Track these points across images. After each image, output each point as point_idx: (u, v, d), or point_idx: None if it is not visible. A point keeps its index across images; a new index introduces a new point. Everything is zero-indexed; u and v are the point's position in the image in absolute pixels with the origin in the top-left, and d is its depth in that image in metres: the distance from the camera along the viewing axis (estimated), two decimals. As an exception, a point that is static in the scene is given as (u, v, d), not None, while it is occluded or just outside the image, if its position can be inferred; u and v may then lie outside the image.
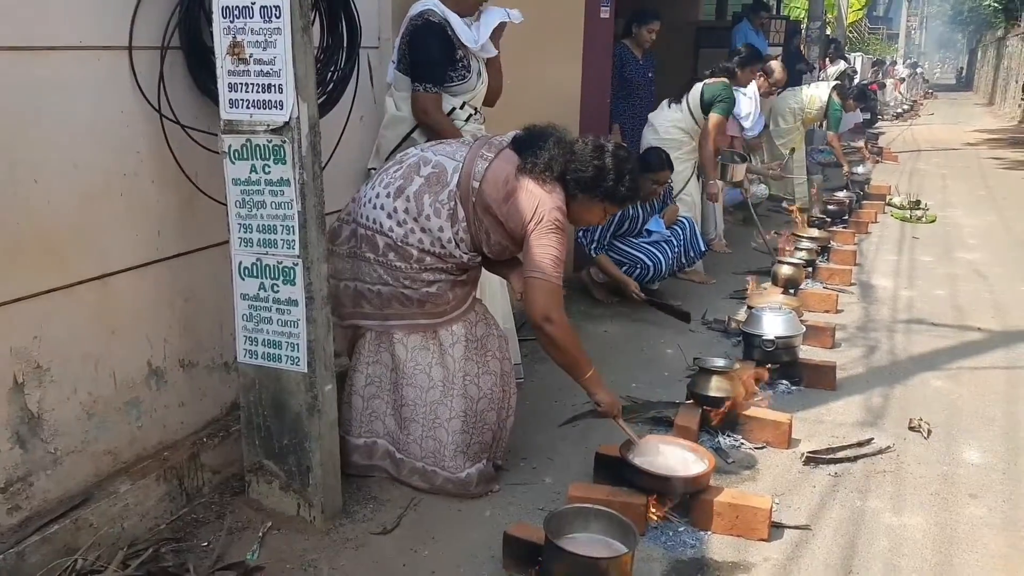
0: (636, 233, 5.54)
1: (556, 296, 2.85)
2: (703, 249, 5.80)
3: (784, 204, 8.92)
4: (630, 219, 5.43)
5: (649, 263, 5.40)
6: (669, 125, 6.35)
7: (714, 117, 6.24)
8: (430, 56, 3.46)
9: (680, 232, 5.66)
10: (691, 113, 6.31)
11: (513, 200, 2.84)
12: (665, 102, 6.48)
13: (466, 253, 2.93)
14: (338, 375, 2.89)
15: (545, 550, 2.48)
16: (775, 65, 7.50)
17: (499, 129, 3.45)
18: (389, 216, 2.92)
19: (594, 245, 5.36)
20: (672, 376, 4.36)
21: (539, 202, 2.83)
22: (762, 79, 7.33)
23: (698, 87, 6.34)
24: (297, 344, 2.68)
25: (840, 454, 3.51)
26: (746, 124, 7.15)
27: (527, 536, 2.59)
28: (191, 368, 2.99)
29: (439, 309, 2.98)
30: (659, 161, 5.42)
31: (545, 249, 2.82)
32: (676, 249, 5.58)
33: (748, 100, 7.13)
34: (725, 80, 6.36)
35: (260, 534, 2.76)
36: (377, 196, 2.97)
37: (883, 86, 22.07)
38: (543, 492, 3.16)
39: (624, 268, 5.44)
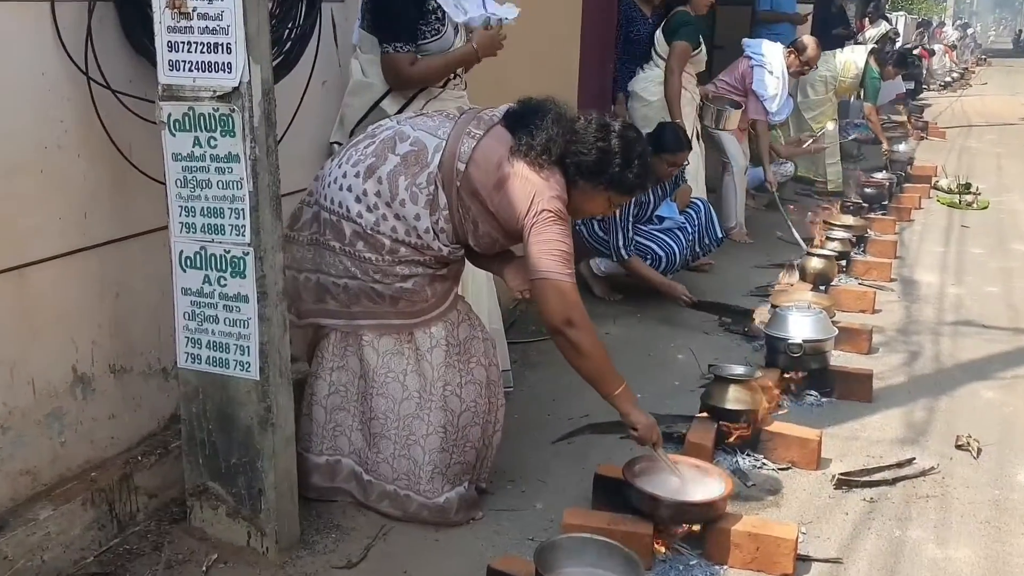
0: (646, 219, 5.54)
1: (572, 296, 2.83)
2: (720, 235, 5.82)
3: (815, 187, 8.96)
4: (640, 205, 5.43)
5: (662, 254, 5.39)
6: (650, 85, 6.41)
7: (676, 46, 6.27)
8: (395, 6, 3.45)
9: (695, 216, 5.67)
10: (666, 62, 6.36)
11: (505, 188, 2.83)
12: (638, 68, 6.56)
13: (446, 245, 2.92)
14: (296, 383, 2.88)
15: (535, 587, 2.49)
16: (808, 40, 7.47)
17: (484, 100, 3.44)
18: (358, 200, 2.90)
19: (621, 243, 5.28)
20: (683, 386, 4.36)
21: (536, 191, 2.82)
22: (792, 56, 7.31)
23: (658, 34, 6.44)
24: (247, 347, 2.66)
25: (876, 476, 3.52)
26: (771, 107, 7.12)
27: (514, 571, 2.59)
28: (123, 375, 2.97)
29: (415, 308, 2.97)
30: (676, 140, 5.41)
31: (550, 245, 2.80)
32: (691, 236, 5.59)
33: (775, 79, 7.08)
34: (682, 8, 6.45)
35: (204, 568, 2.75)
36: (344, 176, 2.95)
37: (933, 53, 22.13)
38: (534, 519, 3.15)
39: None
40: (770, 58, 7.11)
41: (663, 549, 2.92)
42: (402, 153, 2.91)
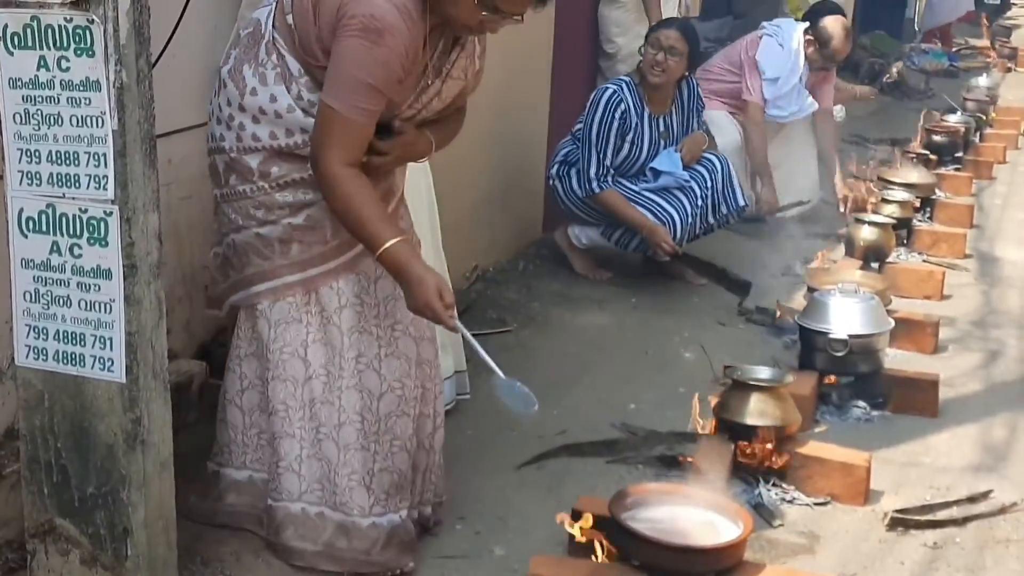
0: (635, 172, 5.54)
1: (337, 135, 2.81)
2: (742, 203, 5.80)
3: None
4: (628, 141, 5.42)
5: (655, 223, 5.42)
6: None
7: None
8: None
9: (707, 176, 5.63)
10: None
11: (318, 12, 2.85)
12: None
13: None
14: (176, 387, 2.88)
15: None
16: (832, 25, 6.78)
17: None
18: (218, 120, 3.02)
19: (594, 172, 5.34)
20: (691, 393, 4.36)
21: None
22: (811, 46, 6.80)
23: None
24: (109, 338, 2.65)
25: (942, 514, 3.57)
26: (769, 93, 6.72)
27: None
28: (-58, 374, 2.95)
29: (312, 252, 3.00)
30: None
31: (340, 60, 2.79)
32: (700, 202, 5.58)
33: (785, 56, 6.72)
34: None
35: (50, 633, 2.75)
36: (210, 102, 3.08)
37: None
38: (490, 569, 3.18)
39: (605, 231, 5.48)
40: (786, 32, 6.82)
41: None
42: (243, 43, 3.03)
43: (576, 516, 3.11)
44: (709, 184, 5.61)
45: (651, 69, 5.44)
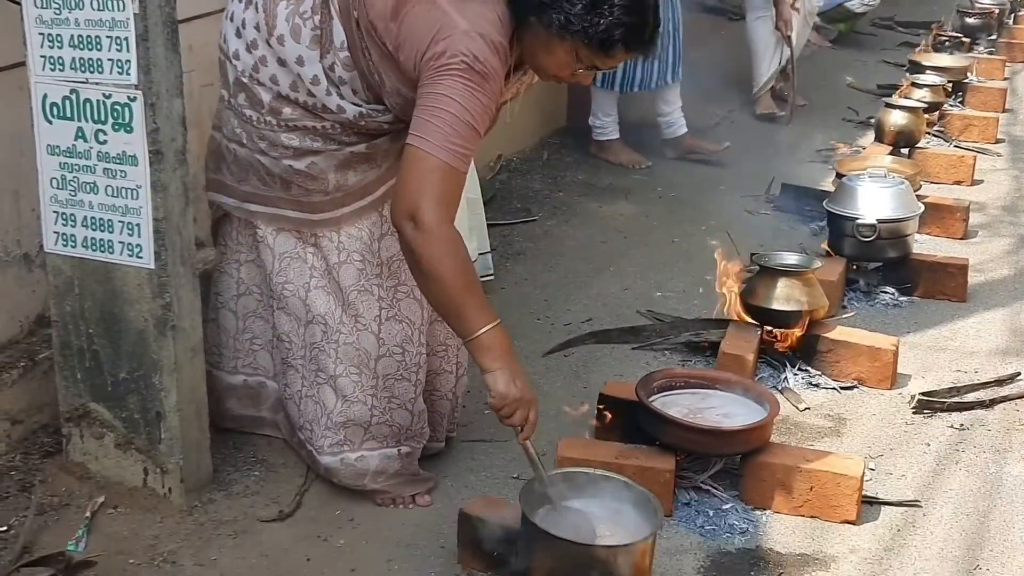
0: None
1: (439, 184, 2.55)
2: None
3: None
4: None
5: None
6: None
7: None
8: None
9: None
10: None
11: (403, 18, 2.64)
12: None
13: (355, 104, 2.81)
14: (202, 276, 2.91)
15: (522, 532, 2.55)
16: None
17: None
18: (237, 33, 2.86)
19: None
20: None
21: (442, 24, 2.58)
22: None
23: None
24: (137, 225, 2.67)
25: (969, 397, 3.60)
26: None
27: (493, 516, 2.66)
28: (-28, 263, 2.99)
29: (311, 199, 2.90)
30: None
31: (440, 103, 2.54)
32: None
33: None
34: None
35: (88, 514, 2.80)
36: (231, 1, 2.91)
37: None
38: (518, 451, 3.14)
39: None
40: None
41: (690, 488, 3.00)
42: None
43: (603, 402, 3.17)
44: None
45: None
